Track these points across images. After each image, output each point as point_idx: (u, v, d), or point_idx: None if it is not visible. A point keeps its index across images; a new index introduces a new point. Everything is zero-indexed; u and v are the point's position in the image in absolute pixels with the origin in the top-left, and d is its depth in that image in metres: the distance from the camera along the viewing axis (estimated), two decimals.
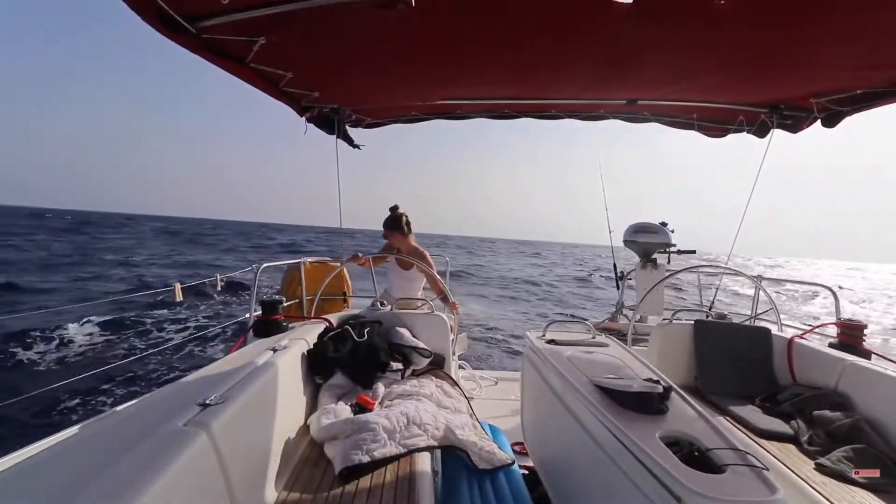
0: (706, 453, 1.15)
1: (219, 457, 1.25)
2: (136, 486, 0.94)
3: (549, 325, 2.33)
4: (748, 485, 1.01)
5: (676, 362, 2.65)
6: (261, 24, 1.77)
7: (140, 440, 1.12)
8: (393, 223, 3.45)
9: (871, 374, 2.01)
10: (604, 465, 1.33)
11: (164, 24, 1.61)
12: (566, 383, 1.66)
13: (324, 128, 3.25)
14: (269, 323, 2.46)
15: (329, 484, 1.65)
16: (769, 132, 3.24)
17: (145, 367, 7.05)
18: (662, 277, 3.93)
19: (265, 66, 2.23)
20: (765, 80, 2.54)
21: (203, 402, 1.37)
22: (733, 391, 2.38)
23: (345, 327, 2.55)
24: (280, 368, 1.87)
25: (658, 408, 1.38)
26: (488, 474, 1.98)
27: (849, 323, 2.50)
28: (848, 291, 31.34)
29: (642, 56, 2.21)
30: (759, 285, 3.18)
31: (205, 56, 1.89)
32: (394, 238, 3.49)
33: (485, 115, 3.52)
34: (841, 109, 2.70)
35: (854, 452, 1.72)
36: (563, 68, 2.48)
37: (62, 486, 0.93)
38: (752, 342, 2.57)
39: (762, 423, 2.04)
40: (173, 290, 3.18)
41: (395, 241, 3.50)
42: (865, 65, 2.18)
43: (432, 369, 2.76)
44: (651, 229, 4.59)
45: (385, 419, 1.90)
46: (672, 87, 2.76)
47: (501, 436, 2.49)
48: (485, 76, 2.67)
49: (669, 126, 3.56)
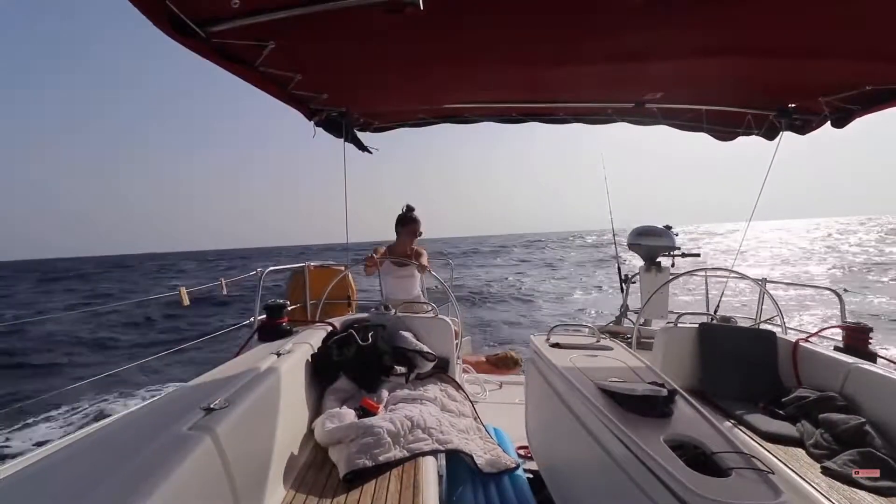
0: (711, 457, 1.15)
1: (223, 461, 1.26)
2: (142, 490, 0.95)
3: (553, 329, 2.33)
4: (753, 488, 1.01)
5: (681, 366, 2.64)
6: (270, 28, 1.78)
7: (145, 444, 1.13)
8: (409, 221, 3.62)
9: (877, 377, 2.00)
10: (608, 469, 1.33)
11: (175, 29, 1.62)
12: (571, 387, 1.66)
13: (332, 131, 3.27)
14: (273, 327, 2.47)
15: (333, 488, 1.65)
16: (778, 134, 3.22)
17: (148, 371, 7.09)
18: (666, 280, 3.92)
19: (274, 69, 2.25)
20: (773, 80, 2.53)
21: (208, 406, 1.38)
22: (738, 394, 2.37)
23: (349, 331, 2.55)
24: (284, 372, 1.88)
25: (663, 411, 1.38)
26: (493, 478, 1.98)
27: (854, 326, 2.48)
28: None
29: (650, 58, 2.22)
30: (763, 288, 3.17)
31: (215, 60, 1.90)
32: (405, 234, 3.63)
33: (493, 118, 3.55)
34: (851, 108, 2.68)
35: (860, 456, 1.70)
36: (571, 71, 2.49)
37: (69, 490, 0.94)
38: (756, 345, 2.56)
39: (767, 426, 2.03)
40: (180, 296, 3.20)
41: (405, 238, 3.64)
42: (874, 55, 2.14)
43: (436, 373, 2.76)
44: (655, 232, 4.58)
45: (389, 423, 1.90)
46: (680, 89, 2.76)
47: (506, 440, 2.49)
48: (492, 79, 2.68)
49: (678, 128, 3.55)
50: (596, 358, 1.98)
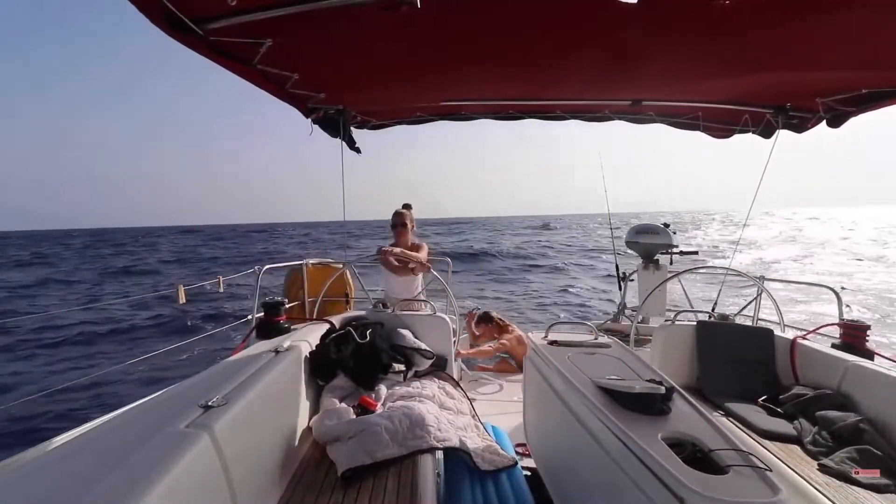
0: (709, 454, 1.15)
1: (221, 458, 1.26)
2: (139, 488, 0.95)
3: (551, 327, 2.33)
4: (751, 485, 1.01)
5: (679, 363, 2.64)
6: (268, 25, 1.77)
7: (142, 442, 1.13)
8: (396, 216, 3.75)
9: (874, 374, 2.00)
10: (606, 466, 1.33)
11: (172, 26, 1.61)
12: (568, 384, 1.66)
13: (329, 130, 3.27)
14: (271, 325, 2.46)
15: (332, 485, 1.65)
16: (775, 133, 3.23)
17: (146, 370, 7.07)
18: (665, 279, 3.93)
19: (271, 67, 2.24)
20: (770, 79, 2.54)
21: (205, 403, 1.37)
22: (736, 392, 2.37)
23: (347, 329, 2.55)
24: (282, 370, 1.88)
25: (660, 409, 1.38)
26: (491, 475, 1.98)
27: (851, 324, 2.49)
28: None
29: (647, 56, 2.22)
30: (761, 286, 3.18)
31: (211, 58, 1.90)
32: (399, 229, 3.73)
33: (489, 116, 3.58)
34: (847, 110, 2.70)
35: (857, 453, 1.71)
36: (568, 69, 2.49)
37: (66, 488, 0.94)
38: (754, 343, 2.57)
39: (765, 423, 2.03)
40: (176, 293, 3.19)
41: (400, 231, 3.73)
42: (870, 64, 2.17)
43: (434, 371, 2.76)
44: (653, 230, 4.59)
45: (387, 421, 1.90)
46: (677, 87, 2.76)
47: (504, 437, 2.49)
48: (489, 77, 2.68)
49: (674, 127, 3.56)
50: (594, 356, 1.98)
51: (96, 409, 5.86)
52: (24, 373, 7.63)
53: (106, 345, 9.38)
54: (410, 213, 3.80)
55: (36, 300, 15.92)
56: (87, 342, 9.62)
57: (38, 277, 21.80)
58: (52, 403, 5.94)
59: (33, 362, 8.24)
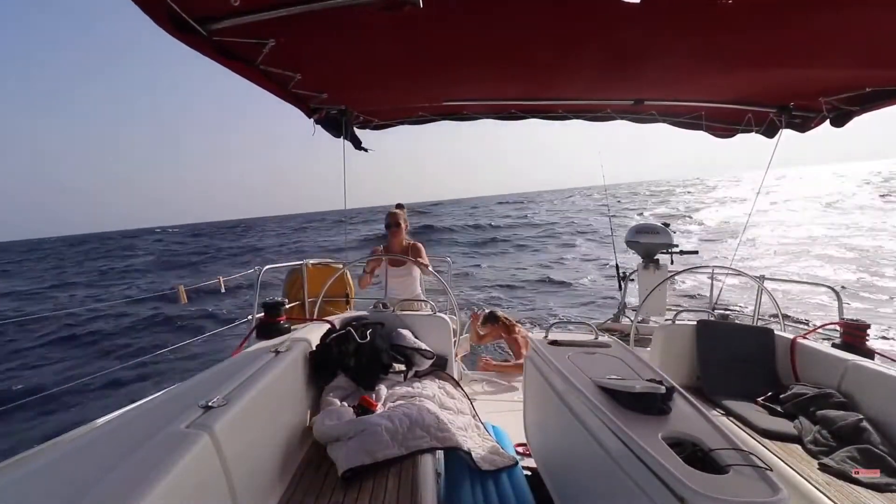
0: (709, 454, 1.15)
1: (221, 459, 1.26)
2: (139, 488, 0.95)
3: (551, 327, 2.33)
4: (751, 485, 1.01)
5: (679, 363, 2.64)
6: (270, 26, 1.78)
7: (143, 442, 1.13)
8: (389, 217, 3.76)
9: (874, 373, 2.00)
10: (607, 466, 1.33)
11: (175, 26, 1.61)
12: (569, 384, 1.66)
13: (331, 130, 3.27)
14: (271, 325, 2.46)
15: (332, 486, 1.65)
16: (778, 132, 3.22)
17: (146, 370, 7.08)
18: (665, 278, 3.92)
19: (274, 67, 2.24)
20: (773, 79, 2.54)
21: (205, 404, 1.37)
22: (736, 391, 2.37)
23: (347, 329, 2.55)
24: (283, 370, 1.88)
25: (661, 408, 1.38)
26: (491, 475, 1.98)
27: (852, 323, 2.48)
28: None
29: (649, 56, 2.21)
30: (761, 285, 3.18)
31: (215, 58, 1.90)
32: (393, 229, 3.74)
33: (491, 115, 3.59)
34: (850, 109, 2.69)
35: (858, 452, 1.71)
36: (570, 68, 2.49)
37: (67, 488, 0.94)
38: (754, 342, 2.56)
39: (765, 423, 2.03)
40: (177, 293, 3.19)
41: (394, 231, 3.74)
42: (874, 62, 2.16)
43: (435, 370, 2.76)
44: (653, 230, 4.59)
45: (388, 421, 1.90)
46: (679, 86, 2.75)
47: (504, 437, 2.49)
48: (492, 77, 2.68)
49: (677, 126, 3.56)
50: (594, 355, 1.97)
51: (96, 410, 5.87)
52: (26, 373, 7.65)
53: (106, 345, 9.40)
54: (404, 213, 3.81)
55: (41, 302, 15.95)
56: (87, 343, 9.64)
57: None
58: (55, 403, 5.96)
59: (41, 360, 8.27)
